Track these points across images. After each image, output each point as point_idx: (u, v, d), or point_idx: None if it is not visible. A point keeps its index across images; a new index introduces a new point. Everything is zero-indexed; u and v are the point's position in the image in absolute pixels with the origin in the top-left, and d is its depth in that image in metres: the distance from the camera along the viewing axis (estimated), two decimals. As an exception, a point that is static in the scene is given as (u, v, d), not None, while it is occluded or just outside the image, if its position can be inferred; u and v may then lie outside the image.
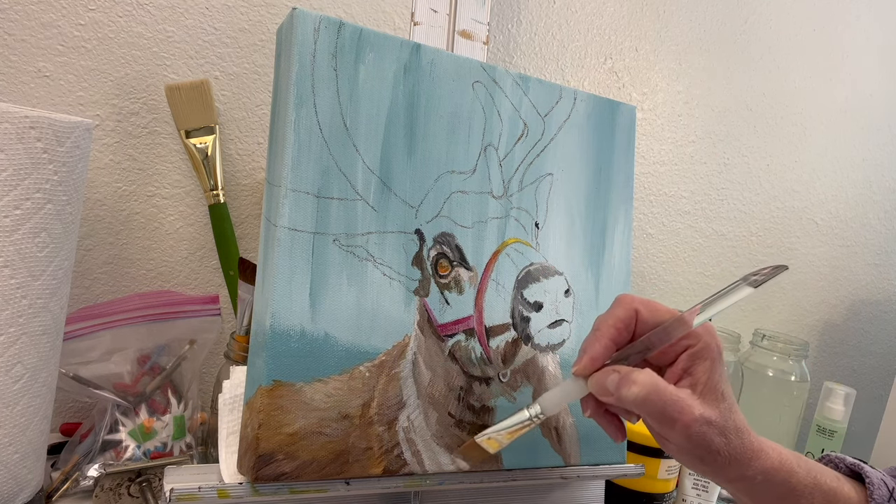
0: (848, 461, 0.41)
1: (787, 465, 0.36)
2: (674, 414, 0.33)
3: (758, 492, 0.36)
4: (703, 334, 0.36)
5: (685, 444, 0.34)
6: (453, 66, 0.43)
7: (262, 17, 0.64)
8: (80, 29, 0.58)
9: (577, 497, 0.50)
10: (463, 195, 0.43)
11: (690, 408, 0.33)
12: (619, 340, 0.36)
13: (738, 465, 0.35)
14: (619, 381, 0.34)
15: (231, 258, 0.61)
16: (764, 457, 0.35)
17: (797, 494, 0.36)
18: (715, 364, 0.35)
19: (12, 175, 0.39)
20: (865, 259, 1.07)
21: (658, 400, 0.33)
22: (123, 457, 0.52)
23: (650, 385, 0.33)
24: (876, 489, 0.37)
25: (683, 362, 0.36)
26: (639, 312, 0.36)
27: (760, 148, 0.95)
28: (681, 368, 0.36)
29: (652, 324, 0.36)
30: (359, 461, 0.39)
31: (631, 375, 0.34)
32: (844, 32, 0.97)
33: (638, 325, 0.37)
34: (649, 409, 0.33)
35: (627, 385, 0.33)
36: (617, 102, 0.51)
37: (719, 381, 0.35)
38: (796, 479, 0.36)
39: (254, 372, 0.37)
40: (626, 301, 0.37)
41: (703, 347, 0.35)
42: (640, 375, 0.34)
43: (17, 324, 0.40)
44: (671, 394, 0.33)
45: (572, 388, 0.37)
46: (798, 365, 0.80)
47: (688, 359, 0.36)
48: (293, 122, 0.37)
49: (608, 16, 0.82)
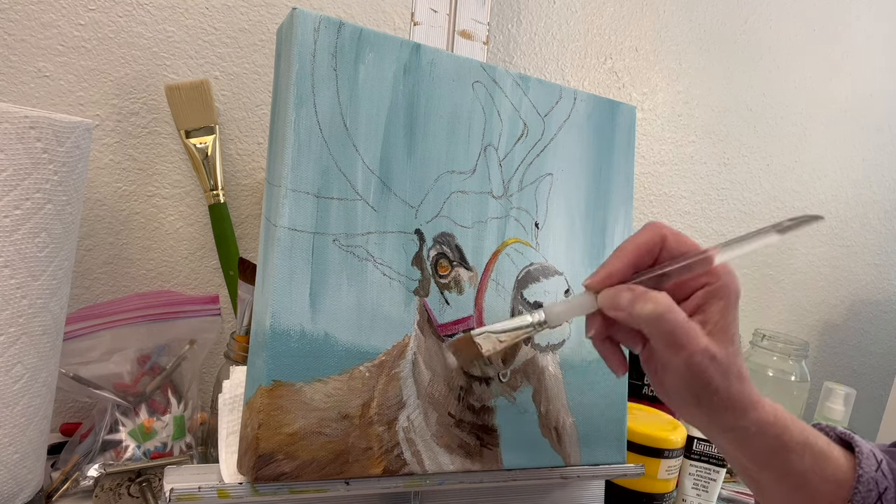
0: (838, 430, 0.40)
1: (781, 421, 0.36)
2: (682, 339, 0.33)
3: (750, 444, 0.36)
4: (724, 274, 0.35)
5: (685, 374, 0.33)
6: (453, 66, 0.43)
7: (262, 17, 0.64)
8: (80, 29, 0.58)
9: (577, 497, 0.50)
10: (463, 195, 0.43)
11: (698, 337, 0.33)
12: (640, 264, 0.36)
13: (734, 412, 0.34)
14: (633, 297, 0.33)
15: (231, 258, 0.61)
16: (760, 408, 0.35)
17: (788, 450, 0.36)
18: (729, 306, 0.35)
19: (12, 175, 0.39)
20: (865, 259, 1.07)
21: (672, 320, 0.32)
22: (123, 457, 0.52)
23: (665, 305, 0.33)
24: (865, 458, 0.37)
25: (698, 299, 0.35)
26: (665, 240, 0.35)
27: (760, 148, 0.95)
28: (695, 304, 0.35)
29: (676, 254, 0.35)
30: (359, 461, 0.39)
31: (647, 294, 0.33)
32: (844, 32, 0.97)
33: (662, 252, 0.36)
34: (659, 329, 0.33)
35: (643, 301, 0.33)
36: (617, 102, 0.51)
37: (731, 323, 0.34)
38: (789, 436, 0.36)
39: (254, 372, 0.37)
40: (655, 226, 0.36)
41: (721, 287, 0.35)
42: (656, 295, 0.33)
43: (17, 324, 0.40)
44: (683, 319, 0.33)
45: (582, 301, 0.36)
46: (798, 365, 0.80)
47: (703, 296, 0.35)
48: (293, 122, 0.37)
49: (608, 16, 0.82)
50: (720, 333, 0.34)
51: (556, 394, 0.46)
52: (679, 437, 0.58)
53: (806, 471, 0.36)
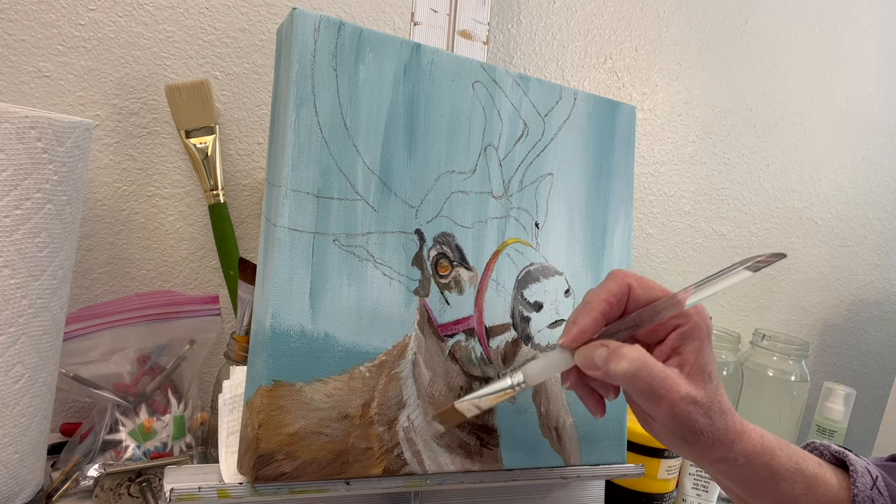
0: (833, 448, 0.40)
1: (768, 449, 0.36)
2: (661, 391, 0.33)
3: (739, 474, 0.36)
4: (694, 314, 0.35)
5: (669, 422, 0.34)
6: (453, 66, 0.43)
7: (262, 17, 0.64)
8: (80, 29, 0.58)
9: (577, 497, 0.50)
10: (463, 195, 0.43)
11: (677, 386, 0.33)
12: (610, 315, 0.36)
13: (721, 446, 0.35)
14: (607, 355, 0.33)
15: (231, 258, 0.61)
16: (746, 439, 0.35)
17: (778, 478, 0.36)
18: (703, 345, 0.35)
19: (12, 175, 0.39)
20: (865, 259, 1.07)
21: (646, 376, 0.33)
22: (123, 457, 0.52)
23: (639, 361, 0.33)
24: (859, 477, 0.37)
25: (673, 341, 0.35)
26: (632, 288, 0.36)
27: (760, 148, 0.95)
28: (669, 347, 0.35)
29: (644, 301, 0.36)
30: (359, 461, 0.39)
31: (620, 350, 0.33)
32: (844, 32, 0.97)
33: (630, 301, 0.36)
34: (637, 386, 0.33)
35: (616, 360, 0.33)
36: (617, 102, 0.51)
37: (707, 361, 0.35)
38: (777, 463, 0.36)
39: (254, 372, 0.37)
40: (619, 276, 0.36)
41: (693, 327, 0.35)
42: (629, 351, 0.33)
43: (17, 324, 0.40)
44: (659, 371, 0.33)
45: (557, 359, 0.36)
46: (798, 365, 0.80)
47: (677, 338, 0.35)
48: (293, 122, 0.37)
49: (608, 16, 0.82)
50: (698, 374, 0.34)
51: (556, 394, 0.46)
52: (679, 437, 0.57)
53: (797, 497, 0.37)
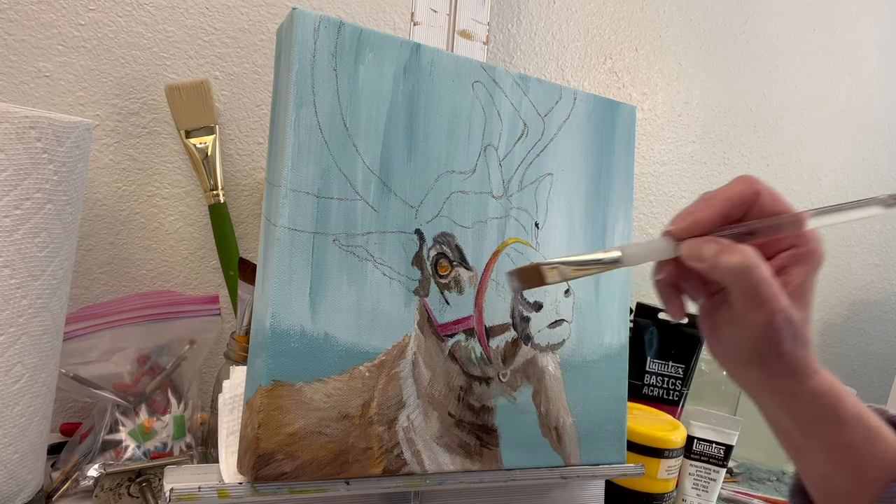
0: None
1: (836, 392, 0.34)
2: (766, 296, 0.31)
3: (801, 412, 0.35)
4: (812, 239, 0.34)
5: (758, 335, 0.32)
6: (453, 66, 0.43)
7: (262, 17, 0.64)
8: (80, 29, 0.58)
9: (577, 497, 0.50)
10: (463, 195, 0.43)
11: (782, 296, 0.32)
12: (729, 216, 0.34)
13: (793, 377, 0.33)
14: (719, 248, 0.32)
15: (231, 258, 0.61)
16: (819, 378, 0.34)
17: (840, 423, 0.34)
18: (812, 271, 0.34)
19: (12, 175, 0.39)
20: (865, 259, 1.07)
21: (758, 275, 0.31)
22: (123, 457, 0.52)
23: (754, 258, 0.31)
24: None
25: (783, 260, 0.34)
26: (760, 195, 0.34)
27: (760, 148, 0.95)
28: (778, 265, 0.34)
29: (769, 211, 0.34)
30: (359, 461, 0.39)
31: (734, 246, 0.32)
32: (844, 32, 0.97)
33: (754, 208, 0.34)
34: (744, 283, 0.32)
35: (729, 253, 0.32)
36: (617, 102, 0.51)
37: (811, 290, 0.34)
38: (843, 407, 0.34)
39: (254, 372, 0.37)
40: (749, 180, 0.34)
41: (808, 252, 0.34)
42: (743, 247, 0.32)
43: (17, 324, 0.40)
44: (770, 275, 0.32)
45: (659, 247, 0.35)
46: (798, 365, 0.79)
47: (788, 258, 0.34)
48: (293, 122, 0.37)
49: (608, 16, 0.82)
50: (799, 298, 0.33)
51: (555, 394, 0.46)
52: (679, 437, 0.58)
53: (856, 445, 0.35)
